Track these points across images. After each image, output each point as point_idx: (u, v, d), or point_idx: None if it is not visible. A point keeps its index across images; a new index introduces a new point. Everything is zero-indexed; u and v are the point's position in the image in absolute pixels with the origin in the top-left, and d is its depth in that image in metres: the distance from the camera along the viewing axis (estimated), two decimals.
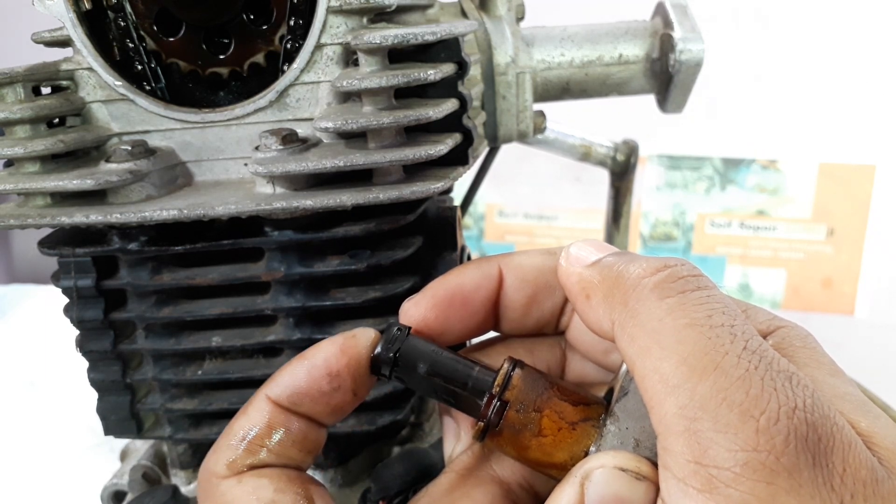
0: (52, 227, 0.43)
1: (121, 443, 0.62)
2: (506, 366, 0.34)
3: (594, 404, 0.33)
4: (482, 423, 0.33)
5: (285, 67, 0.42)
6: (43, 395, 1.09)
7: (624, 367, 0.33)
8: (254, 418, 0.33)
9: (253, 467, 0.32)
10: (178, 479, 0.54)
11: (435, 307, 0.36)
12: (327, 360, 0.33)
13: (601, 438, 0.31)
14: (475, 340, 0.40)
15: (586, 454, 0.31)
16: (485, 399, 0.33)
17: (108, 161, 0.41)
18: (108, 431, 0.49)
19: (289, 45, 0.42)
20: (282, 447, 0.33)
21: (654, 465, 0.29)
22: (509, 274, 0.37)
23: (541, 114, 0.57)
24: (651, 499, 0.28)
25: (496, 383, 0.33)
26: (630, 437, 0.31)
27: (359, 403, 0.35)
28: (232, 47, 0.42)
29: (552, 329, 0.39)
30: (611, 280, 0.31)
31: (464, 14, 0.53)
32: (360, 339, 0.34)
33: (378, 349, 0.34)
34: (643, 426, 0.30)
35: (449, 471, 0.36)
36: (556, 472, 0.32)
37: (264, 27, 0.42)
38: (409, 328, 0.35)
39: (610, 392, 0.34)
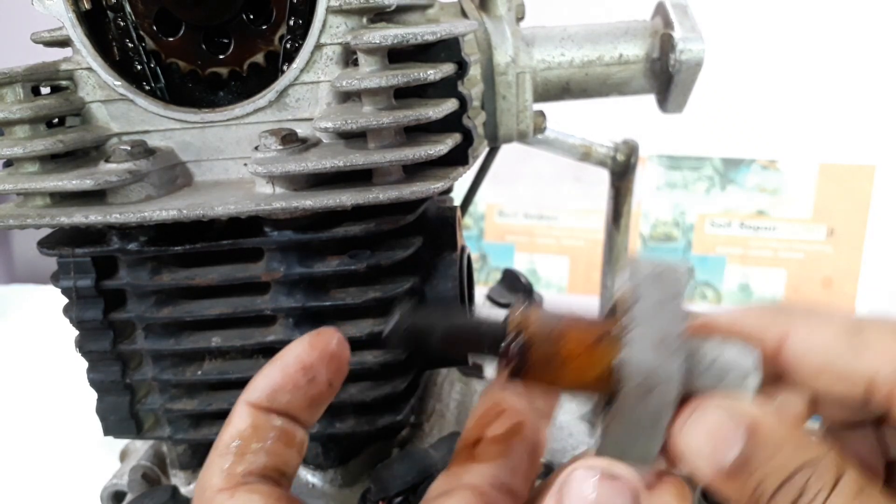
0: (51, 227, 0.43)
1: (121, 443, 0.62)
2: (518, 309, 0.35)
3: (607, 322, 0.35)
4: (512, 365, 0.34)
5: (285, 67, 0.42)
6: (42, 395, 1.09)
7: (626, 282, 0.35)
8: (238, 425, 0.34)
9: (247, 474, 0.33)
10: (177, 479, 0.54)
11: None
12: (299, 356, 0.34)
13: (626, 346, 0.33)
14: None
15: (614, 367, 0.33)
16: (506, 343, 0.34)
17: (107, 161, 0.41)
18: (107, 432, 0.49)
19: (288, 45, 0.42)
20: (271, 448, 0.34)
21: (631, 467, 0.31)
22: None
23: (541, 114, 0.57)
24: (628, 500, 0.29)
25: (512, 324, 0.34)
26: (649, 339, 0.33)
27: (334, 395, 0.36)
28: (232, 47, 0.42)
29: None
30: None
31: (464, 14, 0.53)
32: (325, 334, 0.35)
33: (394, 323, 0.34)
34: (658, 328, 0.33)
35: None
36: (589, 392, 0.35)
37: (264, 27, 0.42)
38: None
39: (613, 309, 0.36)
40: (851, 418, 0.37)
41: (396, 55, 0.41)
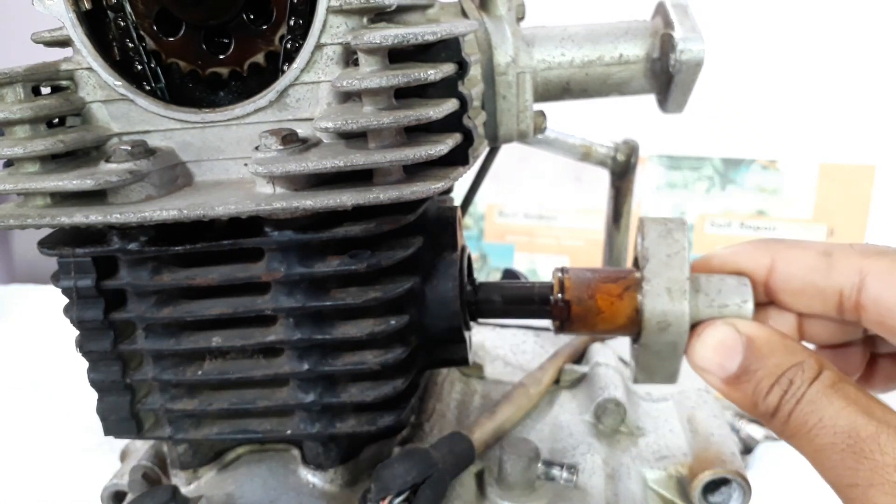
0: (52, 227, 0.43)
1: (121, 443, 0.62)
2: (558, 275, 0.46)
3: (629, 276, 0.45)
4: (558, 322, 0.46)
5: (285, 67, 0.42)
6: (43, 395, 1.09)
7: (640, 240, 0.44)
8: None
9: None
10: (178, 479, 0.54)
11: None
12: None
13: (644, 297, 0.42)
14: None
15: (637, 311, 0.43)
16: (551, 304, 0.46)
17: (107, 161, 0.41)
18: (108, 432, 0.49)
19: (289, 45, 0.42)
20: None
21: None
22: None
23: (541, 114, 0.57)
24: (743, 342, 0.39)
25: (555, 290, 0.46)
26: (662, 288, 0.42)
27: None
28: (232, 47, 0.42)
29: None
30: None
31: (464, 14, 0.53)
32: None
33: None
34: (668, 277, 0.42)
35: None
36: (621, 333, 0.45)
37: (264, 27, 0.42)
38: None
39: (635, 262, 0.45)
40: (835, 339, 0.45)
41: (397, 55, 0.40)
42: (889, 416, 0.35)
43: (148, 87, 0.43)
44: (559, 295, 0.45)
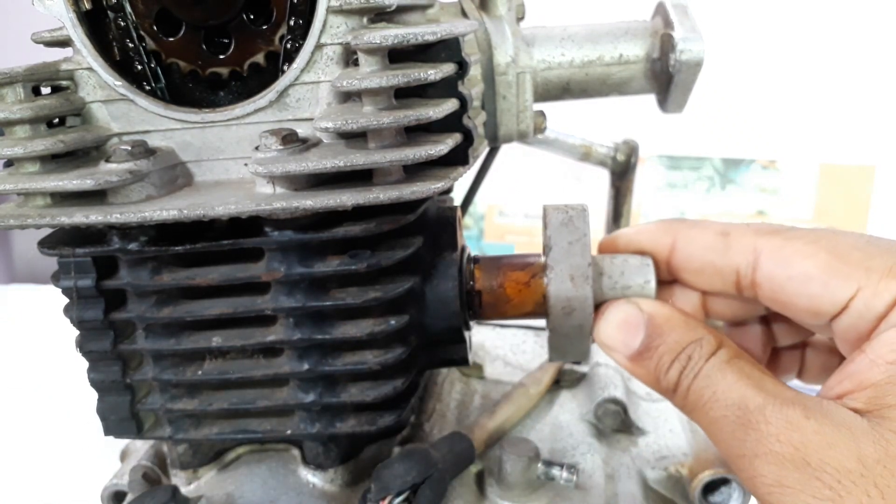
0: (52, 227, 0.43)
1: (121, 443, 0.62)
2: (469, 266, 0.48)
3: (535, 264, 0.47)
4: (471, 311, 0.47)
5: (285, 67, 0.42)
6: (43, 395, 1.09)
7: (543, 232, 0.45)
8: None
9: None
10: (178, 479, 0.54)
11: None
12: None
13: (549, 284, 0.44)
14: None
15: (545, 297, 0.44)
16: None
17: (108, 161, 0.41)
18: (108, 432, 0.49)
19: (289, 45, 0.42)
20: None
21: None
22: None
23: (541, 114, 0.57)
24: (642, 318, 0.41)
25: (465, 280, 0.47)
26: (566, 274, 0.44)
27: None
28: (232, 47, 0.42)
29: None
30: None
31: (464, 14, 0.53)
32: None
33: None
34: (571, 264, 0.44)
35: None
36: (533, 316, 0.47)
37: (264, 27, 0.42)
38: None
39: (544, 250, 0.46)
40: (739, 316, 0.46)
41: (397, 55, 0.41)
42: (778, 389, 0.36)
43: (148, 87, 0.43)
44: (471, 284, 0.47)
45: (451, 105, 0.41)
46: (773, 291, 0.40)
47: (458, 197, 0.67)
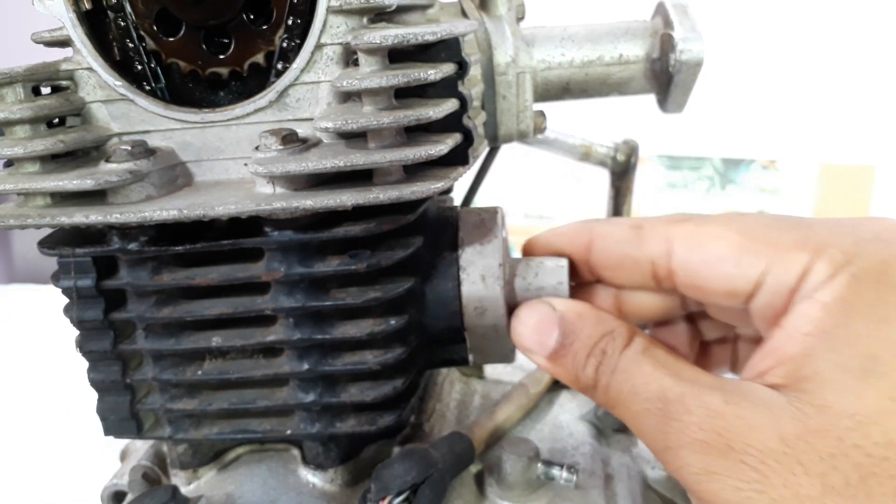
0: (52, 227, 0.43)
1: (121, 443, 0.62)
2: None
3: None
4: None
5: (279, 66, 0.42)
6: (43, 395, 1.09)
7: (461, 235, 0.46)
8: None
9: None
10: (178, 479, 0.54)
11: None
12: None
13: (462, 284, 0.45)
14: None
15: (458, 297, 0.45)
16: None
17: (108, 161, 0.41)
18: (108, 432, 0.49)
19: (285, 45, 0.42)
20: None
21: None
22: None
23: (541, 114, 0.57)
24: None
25: None
26: (478, 275, 0.45)
27: None
28: (232, 47, 0.42)
29: None
30: None
31: (464, 14, 0.53)
32: None
33: None
34: (483, 265, 0.45)
35: None
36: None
37: (264, 27, 0.42)
38: None
39: None
40: (663, 314, 0.46)
41: (397, 55, 0.41)
42: (696, 376, 0.36)
43: (148, 87, 0.43)
44: None
45: (451, 105, 0.41)
46: (689, 277, 0.39)
47: (458, 197, 0.66)
